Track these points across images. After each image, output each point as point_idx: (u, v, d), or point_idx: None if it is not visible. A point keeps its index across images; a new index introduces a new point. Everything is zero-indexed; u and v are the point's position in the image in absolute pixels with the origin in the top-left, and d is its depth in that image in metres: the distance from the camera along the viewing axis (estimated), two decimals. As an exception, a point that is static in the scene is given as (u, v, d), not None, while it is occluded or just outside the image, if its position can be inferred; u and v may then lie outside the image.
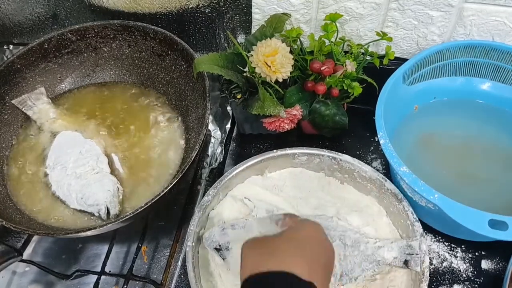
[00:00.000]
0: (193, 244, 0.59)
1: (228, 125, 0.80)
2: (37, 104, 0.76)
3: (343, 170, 0.66)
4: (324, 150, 0.66)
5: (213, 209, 0.65)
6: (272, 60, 0.62)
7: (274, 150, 0.67)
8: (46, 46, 0.76)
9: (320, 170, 0.68)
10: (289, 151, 0.67)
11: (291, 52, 0.65)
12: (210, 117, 0.80)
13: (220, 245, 0.58)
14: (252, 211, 0.64)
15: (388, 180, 0.62)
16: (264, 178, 0.68)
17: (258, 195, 0.66)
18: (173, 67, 0.76)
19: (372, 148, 0.75)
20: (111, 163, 0.71)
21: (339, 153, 0.66)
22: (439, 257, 0.64)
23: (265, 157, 0.66)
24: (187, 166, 0.61)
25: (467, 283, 0.61)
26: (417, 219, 0.59)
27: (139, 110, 0.78)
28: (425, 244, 0.57)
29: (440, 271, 0.62)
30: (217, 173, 0.74)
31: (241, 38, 0.79)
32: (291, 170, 0.69)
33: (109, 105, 0.78)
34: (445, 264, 0.63)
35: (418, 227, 0.58)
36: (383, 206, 0.64)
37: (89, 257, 0.68)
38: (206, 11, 0.76)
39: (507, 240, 0.50)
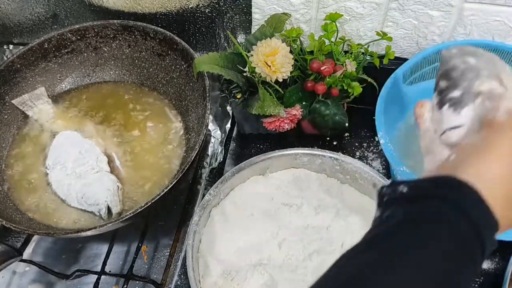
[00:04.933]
0: (193, 243, 0.59)
1: (228, 125, 0.80)
2: (37, 104, 0.76)
3: (345, 171, 0.66)
4: (326, 151, 0.66)
5: (214, 208, 0.65)
6: (272, 60, 0.62)
7: (276, 150, 0.67)
8: (46, 46, 0.76)
9: (321, 171, 0.68)
10: (291, 151, 0.67)
11: (291, 52, 0.65)
12: (210, 117, 0.80)
13: None
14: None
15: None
16: (265, 178, 0.68)
17: (259, 195, 0.66)
18: (173, 67, 0.76)
19: (372, 148, 0.75)
20: (111, 163, 0.71)
21: (341, 154, 0.66)
22: (439, 257, 0.64)
23: (267, 157, 0.66)
24: (187, 166, 0.61)
25: (467, 283, 0.61)
26: None
27: (138, 109, 0.78)
28: None
29: (440, 271, 0.62)
30: (217, 173, 0.74)
31: (241, 38, 0.79)
32: (293, 171, 0.69)
33: (109, 105, 0.78)
34: (445, 264, 0.63)
35: None
36: None
37: (89, 257, 0.68)
38: (206, 11, 0.76)
39: (507, 240, 0.50)
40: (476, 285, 0.61)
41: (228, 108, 0.81)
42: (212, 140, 0.79)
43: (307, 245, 0.62)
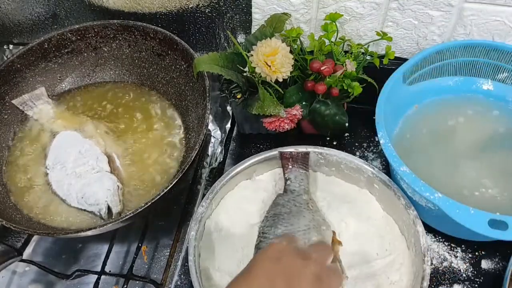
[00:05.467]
0: (195, 258, 0.58)
1: (228, 125, 0.80)
2: (37, 104, 0.76)
3: (330, 163, 0.66)
4: (310, 146, 0.66)
5: (208, 219, 0.65)
6: (272, 60, 0.62)
7: (260, 153, 0.66)
8: (46, 46, 0.76)
9: None
10: (273, 152, 0.67)
11: (291, 52, 0.65)
12: (210, 117, 0.80)
13: None
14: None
15: (376, 168, 0.63)
16: (253, 182, 0.68)
17: (249, 199, 0.66)
18: (173, 67, 0.76)
19: (372, 148, 0.75)
20: (111, 163, 0.71)
21: (324, 148, 0.66)
22: (439, 257, 0.64)
23: (251, 161, 0.66)
24: (187, 166, 0.61)
25: (467, 283, 0.61)
26: (410, 202, 0.59)
27: (139, 109, 0.78)
28: (424, 238, 0.57)
29: (440, 271, 0.62)
30: (217, 173, 0.74)
31: (241, 38, 0.79)
32: (278, 170, 0.69)
33: (109, 105, 0.79)
34: (445, 264, 0.63)
35: (412, 210, 0.59)
36: (374, 194, 0.65)
37: (89, 257, 0.68)
38: (206, 11, 0.76)
39: (507, 240, 0.50)
40: (476, 285, 0.61)
41: (228, 108, 0.81)
42: (212, 140, 0.79)
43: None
